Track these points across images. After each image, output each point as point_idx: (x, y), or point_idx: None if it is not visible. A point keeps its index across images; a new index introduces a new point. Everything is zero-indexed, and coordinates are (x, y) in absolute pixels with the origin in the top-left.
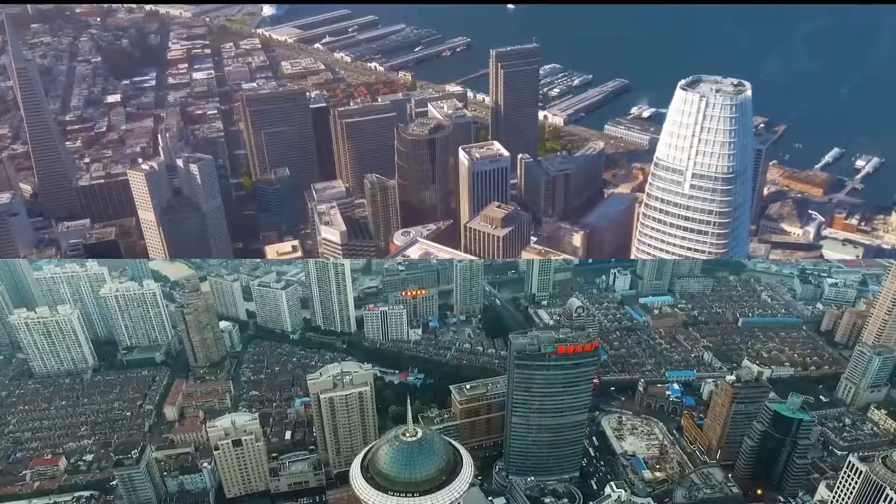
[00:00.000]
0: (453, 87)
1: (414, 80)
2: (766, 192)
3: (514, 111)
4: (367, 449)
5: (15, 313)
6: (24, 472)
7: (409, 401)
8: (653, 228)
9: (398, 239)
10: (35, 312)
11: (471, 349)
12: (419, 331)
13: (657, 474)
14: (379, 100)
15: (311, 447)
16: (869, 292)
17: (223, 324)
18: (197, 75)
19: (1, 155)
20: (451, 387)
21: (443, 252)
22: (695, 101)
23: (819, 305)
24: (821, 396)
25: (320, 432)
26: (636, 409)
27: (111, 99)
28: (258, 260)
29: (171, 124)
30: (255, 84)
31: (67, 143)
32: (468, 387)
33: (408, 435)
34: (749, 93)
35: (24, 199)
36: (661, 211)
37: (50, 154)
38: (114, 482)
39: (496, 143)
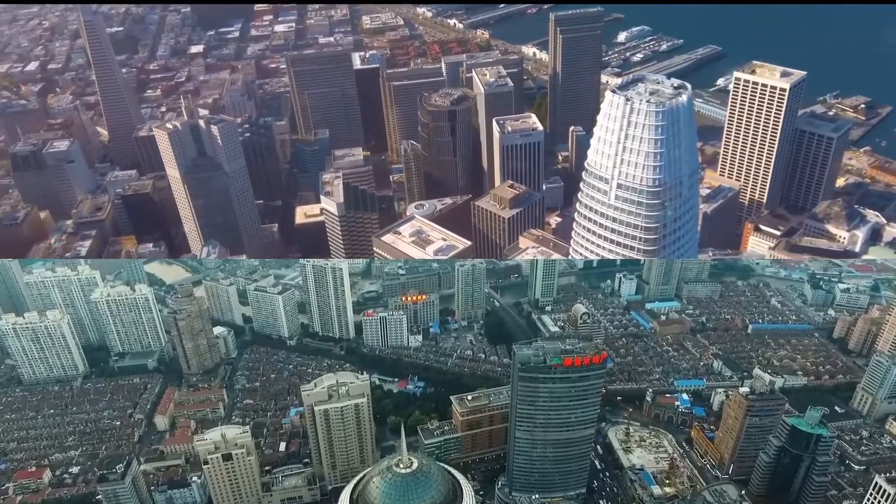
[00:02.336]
0: (529, 49)
1: (489, 40)
2: (842, 182)
3: (573, 80)
4: (357, 479)
5: (3, 318)
6: (6, 485)
7: (403, 428)
8: (583, 237)
9: (411, 210)
10: (24, 318)
11: (472, 356)
12: (419, 337)
13: (667, 490)
14: (441, 62)
15: (306, 460)
16: (882, 298)
17: (218, 329)
18: (278, 28)
19: (75, 102)
20: (451, 397)
21: (434, 231)
22: (620, 104)
23: (831, 311)
24: (836, 407)
25: (315, 446)
26: (644, 420)
27: (194, 49)
28: (255, 262)
29: (236, 78)
30: (331, 39)
31: (148, 91)
32: (469, 398)
33: (402, 466)
34: (684, 98)
35: (101, 144)
36: (589, 219)
37: (117, 104)
38: (99, 496)
39: (533, 115)
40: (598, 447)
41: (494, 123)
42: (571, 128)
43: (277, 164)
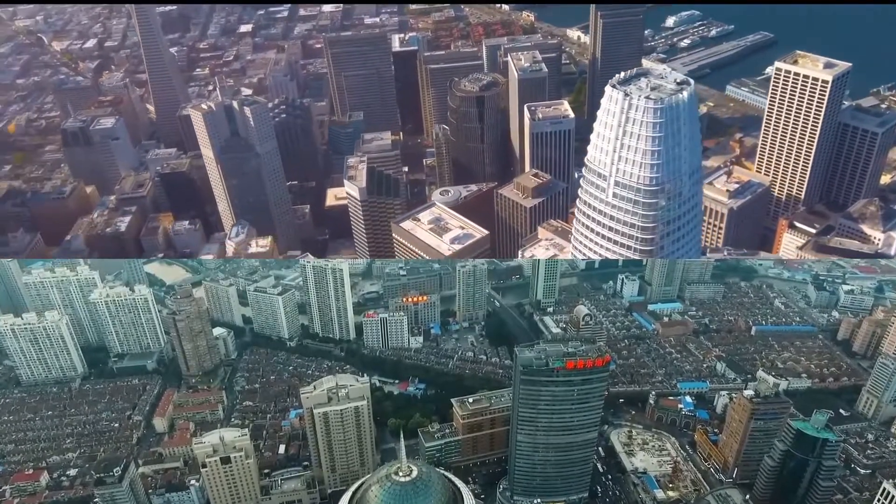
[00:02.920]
0: (574, 32)
1: (534, 22)
2: (887, 179)
3: (613, 66)
4: (356, 486)
5: (1, 319)
6: (3, 487)
7: (402, 435)
8: (582, 234)
9: (436, 197)
10: (22, 318)
11: (474, 358)
12: (420, 338)
13: (670, 494)
14: (481, 44)
15: (306, 463)
16: (886, 299)
17: (217, 330)
18: (326, 8)
19: (125, 80)
20: (452, 400)
21: (453, 219)
22: (618, 100)
23: (835, 313)
24: (840, 410)
25: (314, 448)
26: (647, 423)
27: (243, 28)
28: (255, 263)
29: (280, 58)
30: (377, 19)
31: (197, 70)
32: (471, 400)
33: (401, 474)
34: (684, 95)
35: (150, 121)
36: (588, 216)
37: (163, 82)
38: (97, 500)
39: (565, 102)
40: (600, 450)
41: (525, 110)
42: None
43: (313, 145)
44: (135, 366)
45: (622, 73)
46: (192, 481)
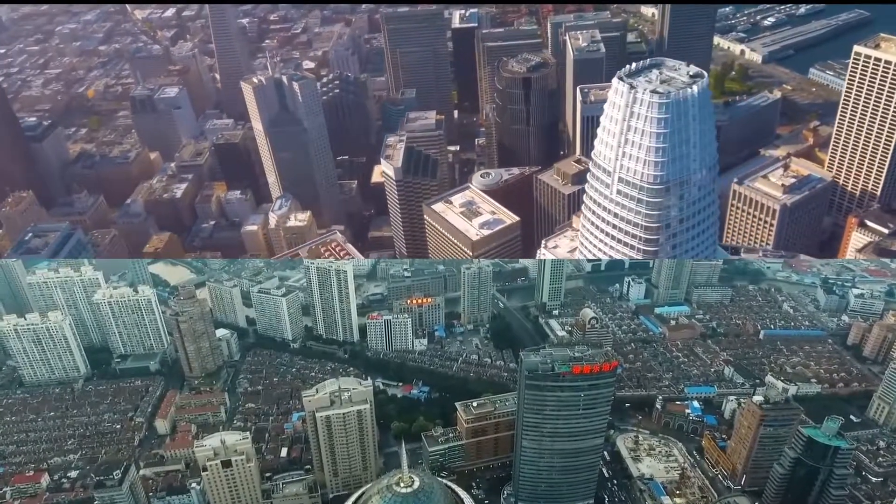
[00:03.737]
0: (648, 10)
1: None
2: None
3: (682, 45)
4: (357, 496)
5: (4, 319)
6: (4, 489)
7: (403, 445)
8: (588, 230)
9: (476, 180)
10: (25, 319)
11: (478, 361)
12: (424, 341)
13: (677, 501)
14: (546, 22)
15: (308, 466)
16: None
17: (221, 332)
18: None
19: (193, 51)
20: (457, 404)
21: (485, 203)
22: (624, 93)
23: (844, 317)
24: (851, 416)
25: (316, 453)
26: (653, 428)
27: None
28: (260, 264)
29: (343, 32)
30: None
31: (266, 41)
32: (475, 404)
33: (402, 484)
34: (694, 90)
35: (216, 91)
36: (593, 213)
37: (229, 53)
38: (97, 503)
39: None
40: (606, 454)
41: (577, 91)
42: None
43: (366, 120)
44: (138, 367)
45: (633, 65)
46: (193, 484)
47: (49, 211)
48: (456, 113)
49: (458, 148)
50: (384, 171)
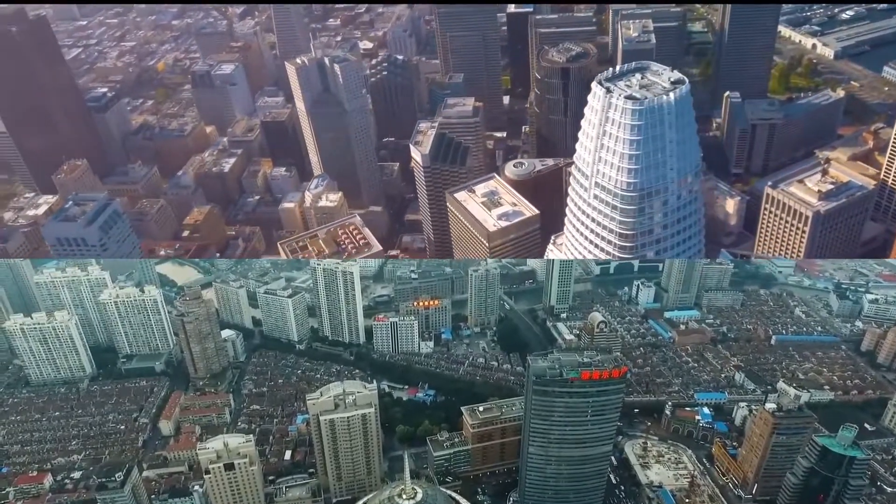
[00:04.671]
0: None
1: None
2: None
3: (744, 37)
4: None
5: (11, 319)
6: (7, 489)
7: (406, 456)
8: (570, 232)
9: (508, 169)
10: (31, 318)
11: (485, 364)
12: (431, 343)
13: None
14: (608, 10)
15: (311, 470)
16: None
17: (226, 332)
18: None
19: (255, 28)
20: (463, 408)
21: (508, 194)
22: (601, 97)
23: (858, 323)
24: (865, 424)
25: (320, 456)
26: (662, 435)
27: None
28: (267, 264)
29: (402, 14)
30: None
31: (329, 20)
32: (481, 409)
33: (405, 496)
34: (671, 97)
35: (276, 68)
36: (574, 215)
37: (288, 30)
38: None
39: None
40: (613, 460)
41: None
42: (727, 93)
43: (412, 103)
44: (143, 367)
45: (616, 68)
46: (196, 487)
47: (104, 179)
48: (507, 99)
49: (504, 134)
50: (413, 157)
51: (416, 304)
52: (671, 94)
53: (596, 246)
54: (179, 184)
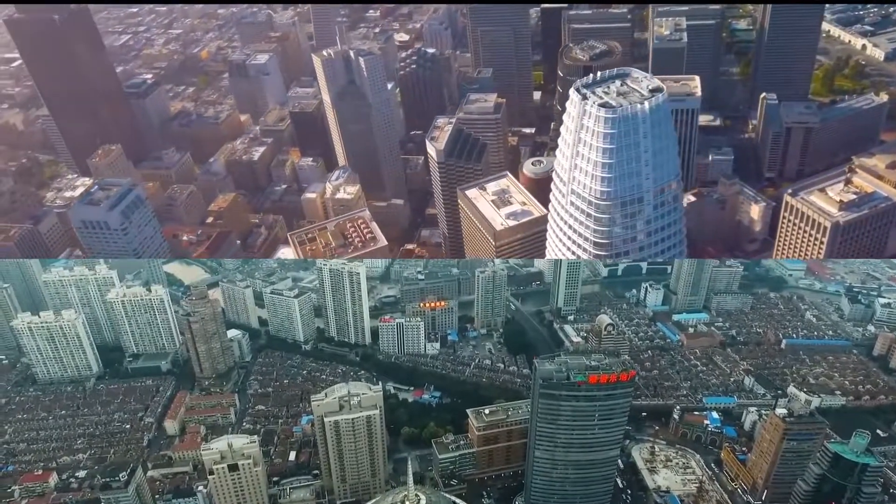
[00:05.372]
0: None
1: None
2: None
3: (785, 36)
4: None
5: (19, 317)
6: (13, 487)
7: (410, 462)
8: (552, 232)
9: (527, 167)
10: (39, 317)
11: (491, 366)
12: (437, 345)
13: None
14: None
15: (316, 471)
16: None
17: (232, 332)
18: None
19: (294, 18)
20: (468, 411)
21: (519, 193)
22: (577, 104)
23: (870, 327)
24: (878, 431)
25: (324, 458)
26: (670, 439)
27: None
28: (274, 264)
29: (439, 7)
30: None
31: (370, 11)
32: (487, 411)
33: (408, 503)
34: (645, 106)
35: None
36: (553, 217)
37: (325, 21)
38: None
39: (696, 78)
40: (620, 463)
41: None
42: (763, 94)
43: (442, 96)
44: (149, 366)
45: (597, 74)
46: (200, 487)
47: (138, 164)
48: (538, 94)
49: (533, 130)
50: (428, 152)
51: (422, 305)
52: (646, 103)
53: (573, 253)
54: (210, 170)
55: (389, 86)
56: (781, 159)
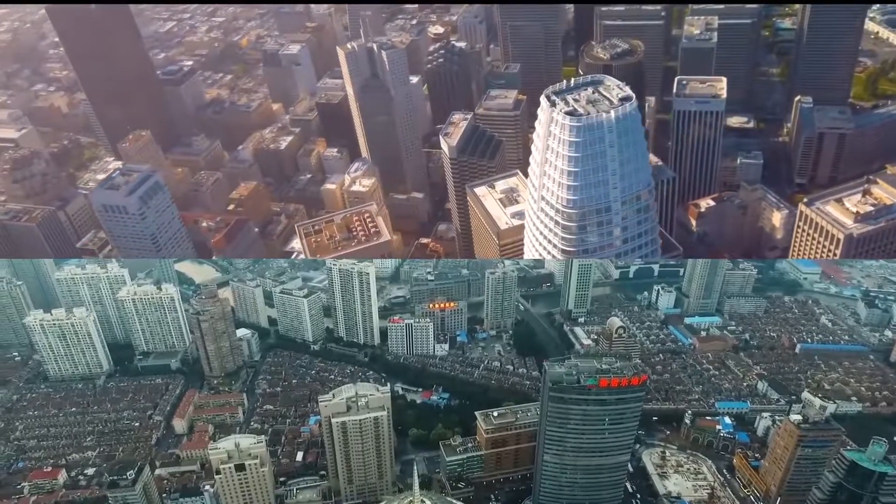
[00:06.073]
0: None
1: None
2: None
3: (823, 38)
4: None
5: (31, 314)
6: (22, 483)
7: (416, 466)
8: (529, 231)
9: None
10: (51, 314)
11: (500, 368)
12: (446, 346)
13: None
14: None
15: (322, 472)
16: None
17: (241, 331)
18: None
19: (330, 9)
20: (477, 413)
21: (526, 194)
22: (546, 110)
23: (888, 332)
24: (895, 438)
25: (331, 459)
26: (681, 444)
27: None
28: (285, 264)
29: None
30: None
31: (407, 4)
32: (496, 414)
33: None
34: (612, 115)
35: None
36: (527, 222)
37: (359, 12)
38: (110, 502)
39: (723, 79)
40: (630, 467)
41: (675, 83)
42: (798, 97)
43: (468, 91)
44: (159, 364)
45: (573, 80)
46: (207, 486)
47: (169, 150)
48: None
49: (520, 131)
50: (442, 148)
51: (431, 305)
52: (612, 112)
53: (539, 254)
54: (238, 158)
55: (416, 79)
56: (813, 165)
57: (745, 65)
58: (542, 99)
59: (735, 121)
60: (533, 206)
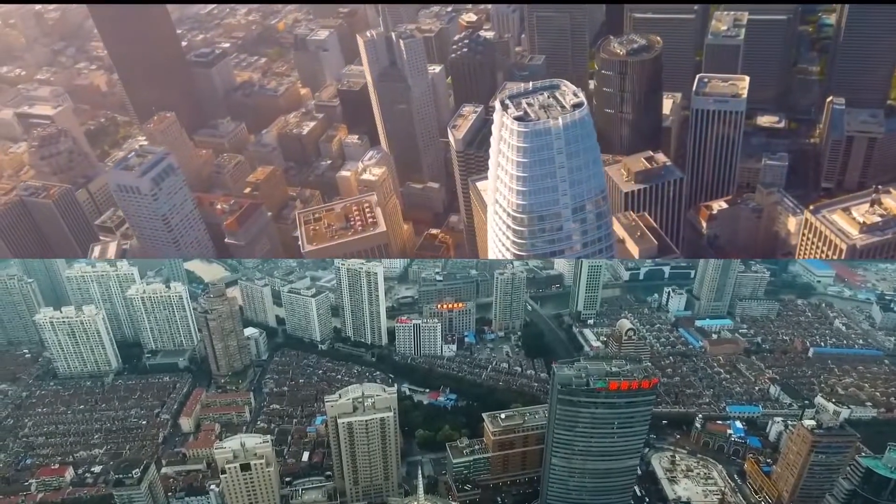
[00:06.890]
0: None
1: None
2: None
3: (861, 38)
4: None
5: (41, 312)
6: (30, 480)
7: (420, 470)
8: (489, 233)
9: None
10: (60, 312)
11: (508, 370)
12: (454, 346)
13: None
14: None
15: (328, 472)
16: None
17: (249, 330)
18: None
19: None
20: (484, 415)
21: None
22: (499, 114)
23: None
24: None
25: (337, 460)
26: (692, 448)
27: None
28: (293, 264)
29: None
30: None
31: None
32: (503, 416)
33: None
34: (560, 122)
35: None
36: (489, 222)
37: (393, 4)
38: (116, 500)
39: (746, 78)
40: (639, 471)
41: (696, 80)
42: (829, 97)
43: (493, 81)
44: (167, 363)
45: (531, 83)
46: (213, 486)
47: (196, 132)
48: (592, 84)
49: None
50: (450, 142)
51: (439, 306)
52: (560, 119)
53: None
54: (261, 141)
55: (439, 69)
56: (841, 169)
57: (779, 62)
58: (497, 102)
59: (765, 120)
60: (492, 208)
